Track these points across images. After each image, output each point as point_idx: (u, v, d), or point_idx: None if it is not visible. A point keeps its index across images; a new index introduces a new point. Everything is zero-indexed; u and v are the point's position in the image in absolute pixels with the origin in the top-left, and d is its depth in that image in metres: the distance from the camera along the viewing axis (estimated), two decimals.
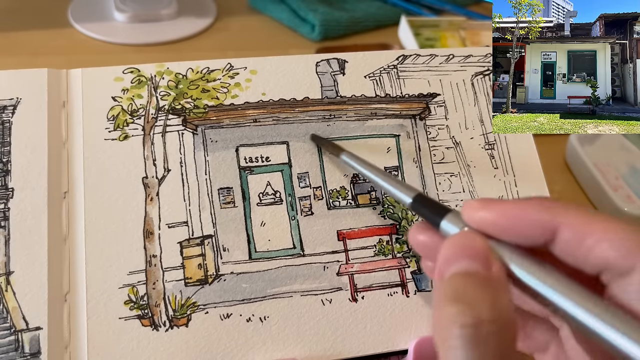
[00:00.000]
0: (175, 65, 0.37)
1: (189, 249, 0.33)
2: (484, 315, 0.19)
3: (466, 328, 0.19)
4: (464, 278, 0.21)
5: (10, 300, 0.30)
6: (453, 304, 0.19)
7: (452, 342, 0.19)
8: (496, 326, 0.19)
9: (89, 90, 0.35)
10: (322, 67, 0.38)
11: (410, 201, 0.27)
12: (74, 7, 0.66)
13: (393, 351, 0.33)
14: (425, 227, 0.26)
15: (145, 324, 0.31)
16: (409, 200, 0.27)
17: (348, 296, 0.33)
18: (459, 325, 0.19)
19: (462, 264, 0.21)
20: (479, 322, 0.19)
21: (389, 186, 0.29)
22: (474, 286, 0.20)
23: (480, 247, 0.22)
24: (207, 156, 0.35)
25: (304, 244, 0.34)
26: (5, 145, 0.33)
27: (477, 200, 0.23)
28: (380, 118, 0.38)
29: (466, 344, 0.18)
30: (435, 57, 0.40)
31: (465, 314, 0.19)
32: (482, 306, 0.19)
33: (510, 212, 0.22)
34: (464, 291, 0.20)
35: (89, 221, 0.32)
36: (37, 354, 0.29)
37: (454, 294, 0.20)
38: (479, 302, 0.19)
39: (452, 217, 0.24)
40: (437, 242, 0.25)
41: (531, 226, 0.21)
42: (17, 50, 0.59)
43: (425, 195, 0.27)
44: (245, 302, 0.32)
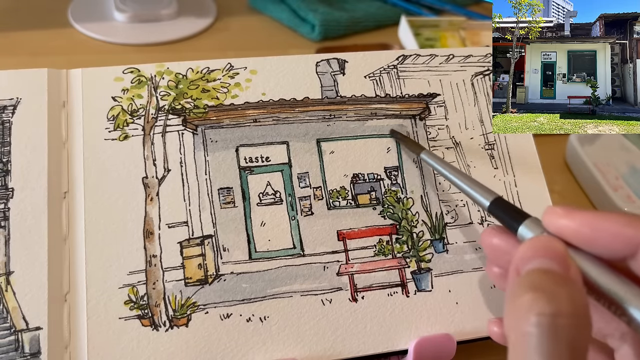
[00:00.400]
0: (175, 65, 0.37)
1: (189, 249, 0.33)
2: (563, 306, 0.19)
3: (544, 316, 0.19)
4: (543, 273, 0.21)
5: (10, 300, 0.30)
6: (532, 292, 0.20)
7: (527, 329, 0.19)
8: (573, 320, 0.19)
9: (89, 90, 0.35)
10: (322, 67, 0.38)
11: (488, 204, 0.27)
12: (74, 7, 0.66)
13: (393, 351, 0.33)
14: (500, 230, 0.27)
15: (145, 324, 0.31)
16: (487, 203, 0.27)
17: (348, 296, 0.33)
18: (537, 312, 0.19)
19: (541, 262, 0.21)
20: (557, 312, 0.19)
21: (468, 188, 0.29)
22: (553, 281, 0.20)
23: (560, 249, 0.22)
24: (207, 156, 0.35)
25: (304, 244, 0.34)
26: (5, 145, 0.33)
27: (560, 206, 0.23)
28: (380, 118, 0.38)
29: (542, 332, 0.18)
30: (435, 57, 0.40)
31: (544, 302, 0.19)
32: (561, 298, 0.19)
33: (593, 223, 0.22)
34: (543, 283, 0.20)
35: (89, 221, 0.32)
36: (37, 354, 0.29)
37: (533, 284, 0.20)
38: (557, 294, 0.19)
39: (531, 223, 0.24)
40: (510, 247, 0.25)
41: (613, 239, 0.22)
42: (17, 50, 0.59)
43: (504, 199, 0.27)
44: (245, 302, 0.32)
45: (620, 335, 0.25)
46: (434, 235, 0.35)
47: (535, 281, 0.20)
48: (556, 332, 0.18)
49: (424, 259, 0.35)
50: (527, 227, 0.24)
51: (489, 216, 0.36)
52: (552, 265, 0.21)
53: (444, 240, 0.35)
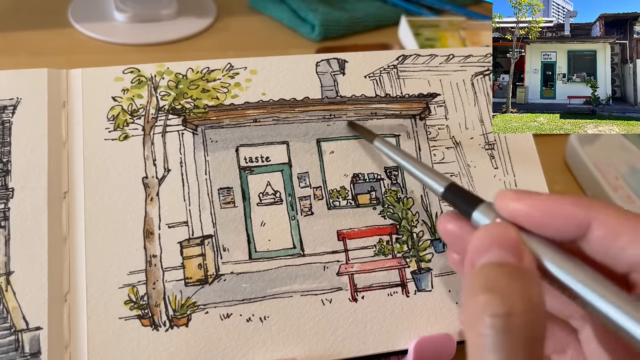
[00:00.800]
0: (175, 65, 0.37)
1: (189, 249, 0.33)
2: (516, 305, 0.19)
3: (497, 317, 0.19)
4: (495, 268, 0.21)
5: (10, 300, 0.30)
6: (485, 292, 0.20)
7: (482, 330, 0.19)
8: (527, 317, 0.19)
9: (89, 90, 0.35)
10: (322, 67, 0.38)
11: (442, 190, 0.27)
12: (74, 7, 0.66)
13: (393, 351, 0.33)
14: (455, 217, 0.26)
15: (145, 324, 0.31)
16: (441, 189, 0.27)
17: (348, 296, 0.33)
18: (490, 314, 0.19)
19: (493, 254, 0.21)
20: (510, 312, 0.19)
21: (421, 174, 0.29)
22: (506, 276, 0.20)
23: (512, 237, 0.22)
24: (207, 156, 0.35)
25: (304, 244, 0.34)
26: (5, 145, 0.33)
27: (511, 190, 0.23)
28: (380, 118, 0.38)
29: (497, 333, 0.19)
30: (435, 57, 0.40)
31: (496, 303, 0.19)
32: (514, 297, 0.19)
33: (544, 206, 0.22)
34: (495, 281, 0.20)
35: (89, 221, 0.32)
36: (37, 354, 0.29)
37: (486, 283, 0.20)
38: (510, 292, 0.20)
39: (485, 208, 0.24)
40: (466, 233, 0.25)
41: (565, 221, 0.22)
42: (17, 50, 0.59)
43: (458, 185, 0.27)
44: (245, 302, 0.32)
45: (580, 316, 0.25)
46: (434, 235, 0.35)
47: (489, 279, 0.20)
48: (510, 331, 0.19)
49: (424, 259, 0.35)
50: (481, 213, 0.24)
51: None
52: (505, 256, 0.21)
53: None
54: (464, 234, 0.26)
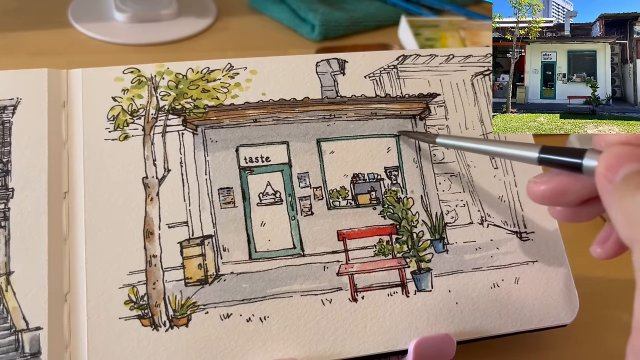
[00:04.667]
0: (175, 65, 0.37)
1: (189, 249, 0.33)
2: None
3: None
4: None
5: (10, 300, 0.30)
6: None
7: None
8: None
9: (89, 90, 0.35)
10: (322, 67, 0.38)
11: (537, 155, 0.27)
12: (74, 7, 0.66)
13: (393, 351, 0.33)
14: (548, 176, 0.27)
15: (145, 324, 0.31)
16: (536, 154, 0.27)
17: (348, 296, 0.33)
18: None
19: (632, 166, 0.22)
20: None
21: (506, 150, 0.29)
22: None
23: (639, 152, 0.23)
24: (207, 156, 0.35)
25: (304, 244, 0.34)
26: (5, 145, 0.33)
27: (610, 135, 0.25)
28: (381, 118, 0.38)
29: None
30: (435, 57, 0.40)
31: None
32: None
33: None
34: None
35: (89, 221, 0.32)
36: (37, 354, 0.29)
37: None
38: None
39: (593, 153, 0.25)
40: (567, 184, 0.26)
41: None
42: (17, 50, 0.59)
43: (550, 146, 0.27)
44: (245, 302, 0.32)
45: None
46: (434, 235, 0.35)
47: None
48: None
49: (424, 259, 0.35)
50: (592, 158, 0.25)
51: (489, 216, 0.36)
52: None
53: (444, 240, 0.35)
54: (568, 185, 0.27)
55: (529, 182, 0.28)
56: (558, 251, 0.36)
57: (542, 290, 0.35)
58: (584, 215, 0.28)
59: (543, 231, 0.37)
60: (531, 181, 0.28)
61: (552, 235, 0.37)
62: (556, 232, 0.37)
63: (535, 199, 0.28)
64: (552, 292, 0.35)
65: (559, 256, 0.36)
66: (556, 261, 0.36)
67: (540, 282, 0.35)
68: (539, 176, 0.28)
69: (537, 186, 0.28)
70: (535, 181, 0.28)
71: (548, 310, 0.35)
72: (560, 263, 0.36)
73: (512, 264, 0.35)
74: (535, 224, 0.37)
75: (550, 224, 0.37)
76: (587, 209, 0.28)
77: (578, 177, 0.26)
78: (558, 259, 0.36)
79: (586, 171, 0.25)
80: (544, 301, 0.35)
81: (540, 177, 0.28)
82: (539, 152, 0.27)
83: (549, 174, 0.28)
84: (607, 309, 0.40)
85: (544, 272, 0.36)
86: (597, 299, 0.40)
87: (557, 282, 0.35)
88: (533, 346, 0.37)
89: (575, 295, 0.35)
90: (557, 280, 0.35)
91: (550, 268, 0.36)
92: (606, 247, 0.28)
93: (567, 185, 0.27)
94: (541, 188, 0.27)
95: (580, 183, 0.26)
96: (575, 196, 0.27)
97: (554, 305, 0.35)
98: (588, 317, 0.37)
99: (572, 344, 0.38)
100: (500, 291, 0.35)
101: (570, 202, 0.27)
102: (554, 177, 0.27)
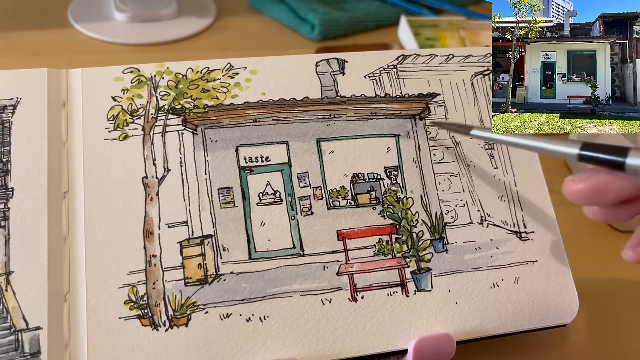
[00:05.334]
0: (175, 65, 0.37)
1: (189, 249, 0.33)
2: None
3: None
4: None
5: (10, 300, 0.30)
6: None
7: None
8: None
9: (89, 90, 0.35)
10: (322, 67, 0.38)
11: (577, 152, 0.26)
12: (74, 7, 0.66)
13: (393, 351, 0.33)
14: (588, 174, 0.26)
15: (145, 324, 0.31)
16: (576, 151, 0.26)
17: (348, 296, 0.33)
18: None
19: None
20: None
21: (546, 145, 0.28)
22: None
23: None
24: (207, 156, 0.35)
25: (304, 244, 0.34)
26: (5, 145, 0.33)
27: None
28: (380, 118, 0.38)
29: None
30: (435, 57, 0.40)
31: None
32: None
33: None
34: None
35: (89, 221, 0.32)
36: (37, 354, 0.29)
37: None
38: None
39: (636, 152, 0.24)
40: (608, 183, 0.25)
41: None
42: (17, 50, 0.59)
43: (591, 143, 0.26)
44: (245, 302, 0.32)
45: None
46: (434, 235, 0.35)
47: None
48: None
49: (424, 259, 0.35)
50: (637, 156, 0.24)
51: (489, 216, 0.36)
52: None
53: (444, 240, 0.35)
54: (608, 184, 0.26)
55: (567, 180, 0.27)
56: (558, 251, 0.36)
57: (542, 290, 0.35)
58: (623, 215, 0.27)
59: (543, 231, 0.37)
60: (569, 179, 0.27)
61: (552, 235, 0.37)
62: (556, 232, 0.37)
63: (574, 198, 0.27)
64: (552, 292, 0.35)
65: (559, 256, 0.36)
66: (556, 261, 0.36)
67: (540, 282, 0.35)
68: (578, 174, 0.27)
69: (575, 185, 0.26)
70: (573, 179, 0.26)
71: (548, 310, 0.35)
72: (560, 263, 0.36)
73: (512, 264, 0.36)
74: (535, 224, 0.37)
75: (550, 224, 0.37)
76: (627, 208, 0.27)
77: (620, 175, 0.25)
78: (558, 259, 0.36)
79: (629, 170, 0.24)
80: (544, 301, 0.35)
81: (579, 176, 0.26)
82: (580, 149, 0.26)
83: (589, 172, 0.26)
84: (607, 309, 0.40)
85: (544, 272, 0.36)
86: (597, 299, 0.40)
87: (557, 282, 0.35)
88: (533, 346, 0.37)
89: (575, 295, 0.35)
90: (557, 280, 0.35)
91: (550, 268, 0.36)
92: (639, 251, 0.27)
93: (608, 184, 0.26)
94: (579, 187, 0.26)
95: (622, 182, 0.25)
96: (616, 195, 0.26)
97: (554, 305, 0.35)
98: (588, 317, 0.37)
99: (572, 344, 0.38)
100: (500, 291, 0.35)
101: (610, 202, 0.26)
102: (594, 175, 0.26)
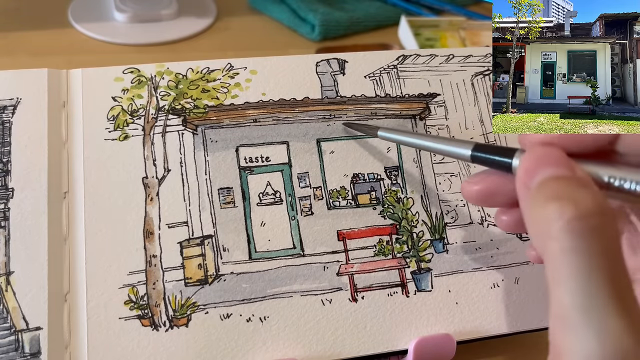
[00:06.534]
0: (175, 65, 0.37)
1: (189, 249, 0.33)
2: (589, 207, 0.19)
3: (573, 221, 0.19)
4: (555, 180, 0.21)
5: (10, 300, 0.30)
6: (554, 201, 0.19)
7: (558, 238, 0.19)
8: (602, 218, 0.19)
9: (89, 90, 0.35)
10: (322, 67, 0.38)
11: (470, 153, 0.26)
12: (74, 7, 0.66)
13: (393, 351, 0.33)
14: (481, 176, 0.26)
15: (145, 324, 0.31)
16: (469, 152, 0.26)
17: (348, 296, 0.33)
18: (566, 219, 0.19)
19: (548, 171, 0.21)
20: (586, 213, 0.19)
21: (441, 146, 0.28)
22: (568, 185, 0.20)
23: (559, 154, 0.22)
24: (207, 156, 0.35)
25: (304, 244, 0.34)
26: (5, 145, 0.33)
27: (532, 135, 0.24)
28: (381, 118, 0.38)
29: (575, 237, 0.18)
30: (435, 57, 0.40)
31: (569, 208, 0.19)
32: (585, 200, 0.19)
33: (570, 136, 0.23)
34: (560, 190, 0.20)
35: (89, 221, 0.32)
36: (37, 354, 0.29)
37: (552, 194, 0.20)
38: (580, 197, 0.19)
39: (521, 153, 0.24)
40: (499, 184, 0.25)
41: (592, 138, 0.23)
42: (17, 50, 0.59)
43: (483, 144, 0.27)
44: (245, 302, 0.32)
45: None
46: (434, 235, 0.35)
47: (554, 189, 0.20)
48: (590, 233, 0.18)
49: (424, 259, 0.35)
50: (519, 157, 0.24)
51: (489, 216, 0.36)
52: (560, 171, 0.21)
53: (444, 240, 0.35)
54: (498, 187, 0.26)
55: (464, 182, 0.27)
56: None
57: (542, 290, 0.35)
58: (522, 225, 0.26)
59: None
60: (466, 180, 0.27)
61: None
62: None
63: (470, 199, 0.27)
64: None
65: None
66: None
67: (540, 282, 0.35)
68: (474, 175, 0.27)
69: (470, 186, 0.27)
70: (469, 181, 0.27)
71: (548, 310, 0.35)
72: None
73: (512, 264, 0.36)
74: None
75: None
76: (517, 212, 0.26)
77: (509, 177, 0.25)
78: None
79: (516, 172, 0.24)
80: (544, 301, 0.35)
81: (475, 177, 0.27)
82: (472, 150, 0.26)
83: (483, 173, 0.27)
84: None
85: (544, 272, 0.35)
86: None
87: None
88: (533, 346, 0.37)
89: None
90: None
91: None
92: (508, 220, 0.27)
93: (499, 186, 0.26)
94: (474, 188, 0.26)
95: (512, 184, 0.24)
96: (507, 198, 0.25)
97: None
98: None
99: None
100: (500, 291, 0.35)
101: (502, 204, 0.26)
102: (487, 177, 0.26)
